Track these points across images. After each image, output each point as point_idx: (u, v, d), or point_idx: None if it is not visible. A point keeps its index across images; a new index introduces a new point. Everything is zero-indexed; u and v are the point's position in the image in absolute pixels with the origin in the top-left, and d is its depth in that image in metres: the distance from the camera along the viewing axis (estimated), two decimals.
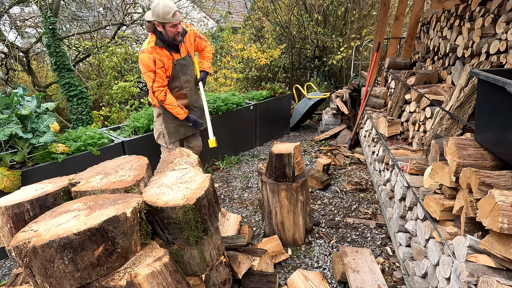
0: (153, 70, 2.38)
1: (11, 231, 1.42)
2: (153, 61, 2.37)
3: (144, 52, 2.37)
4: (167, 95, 2.52)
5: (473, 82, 2.09)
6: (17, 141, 2.34)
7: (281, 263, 2.31)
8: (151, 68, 2.37)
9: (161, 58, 2.42)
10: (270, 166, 2.33)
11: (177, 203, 1.38)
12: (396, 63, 3.98)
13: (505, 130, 1.45)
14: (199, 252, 1.57)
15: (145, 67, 2.38)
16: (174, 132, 2.77)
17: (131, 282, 1.16)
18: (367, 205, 3.08)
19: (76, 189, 1.50)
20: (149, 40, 2.43)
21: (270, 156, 2.32)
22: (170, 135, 2.76)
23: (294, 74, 7.55)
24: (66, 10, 7.37)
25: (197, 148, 3.09)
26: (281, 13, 7.33)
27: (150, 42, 2.40)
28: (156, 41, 2.40)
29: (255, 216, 2.97)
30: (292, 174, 2.30)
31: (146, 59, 2.35)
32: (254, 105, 4.42)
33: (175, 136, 2.79)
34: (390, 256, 2.38)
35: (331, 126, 5.23)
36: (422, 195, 1.93)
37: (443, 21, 3.22)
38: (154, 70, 2.38)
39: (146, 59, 2.35)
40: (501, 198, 1.23)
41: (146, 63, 2.36)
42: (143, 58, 2.37)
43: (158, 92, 2.46)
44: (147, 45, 2.40)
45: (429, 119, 2.61)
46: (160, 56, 2.41)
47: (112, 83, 5.63)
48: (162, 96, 2.48)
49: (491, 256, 1.32)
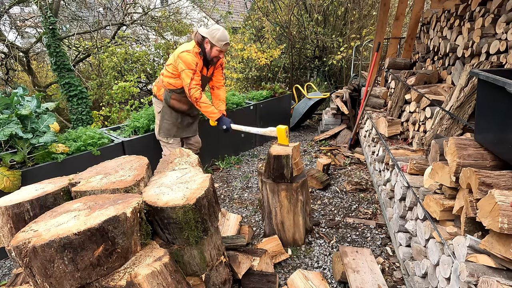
0: (194, 70, 2.55)
1: (11, 231, 1.42)
2: (196, 63, 2.56)
3: (190, 53, 2.54)
4: (202, 93, 2.64)
5: (473, 82, 2.09)
6: (17, 141, 2.34)
7: (281, 263, 2.31)
8: (192, 67, 2.54)
9: (200, 65, 2.64)
10: (269, 167, 2.32)
11: (177, 203, 1.38)
12: (396, 63, 3.98)
13: (505, 130, 1.45)
14: (199, 252, 1.57)
15: (186, 65, 2.53)
16: (167, 129, 2.86)
17: (131, 282, 1.16)
18: (367, 205, 3.08)
19: (76, 189, 1.50)
20: (193, 46, 2.60)
21: (268, 157, 2.32)
22: (163, 130, 2.85)
23: (294, 74, 7.54)
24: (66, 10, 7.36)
25: (197, 145, 3.16)
26: (281, 13, 7.33)
27: (195, 48, 2.59)
28: (200, 52, 2.61)
29: (255, 216, 2.97)
30: (291, 175, 2.28)
31: (191, 59, 2.53)
32: (254, 105, 4.42)
33: (166, 133, 2.87)
34: (390, 256, 2.38)
35: (331, 126, 5.23)
36: (422, 195, 1.93)
37: (443, 21, 3.22)
38: (194, 70, 2.55)
39: (191, 59, 2.53)
40: (501, 198, 1.23)
41: (189, 62, 2.53)
42: (187, 57, 2.53)
43: (194, 90, 2.58)
44: (192, 48, 2.58)
45: (429, 119, 2.61)
46: (199, 63, 2.62)
47: (112, 83, 5.63)
48: (198, 94, 2.59)
49: (491, 256, 1.32)
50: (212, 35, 2.52)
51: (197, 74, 2.58)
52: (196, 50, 2.58)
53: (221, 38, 2.52)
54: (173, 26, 7.15)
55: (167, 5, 8.00)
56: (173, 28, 7.14)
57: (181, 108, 2.83)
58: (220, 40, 2.53)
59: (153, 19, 7.27)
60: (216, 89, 2.98)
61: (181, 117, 2.89)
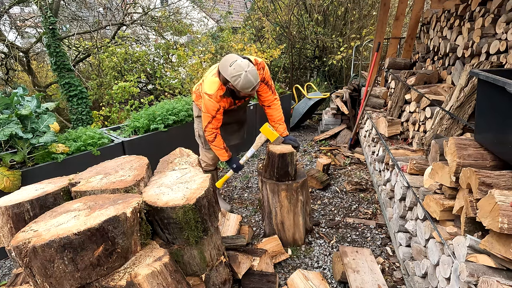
0: (213, 116, 2.33)
1: (11, 231, 1.42)
2: (217, 109, 2.31)
3: (211, 98, 2.26)
4: (217, 137, 2.45)
5: (473, 82, 2.09)
6: (17, 141, 2.34)
7: (281, 263, 2.31)
8: (211, 113, 2.32)
9: (224, 105, 2.36)
10: (272, 166, 2.32)
11: (177, 203, 1.38)
12: (396, 63, 3.98)
13: (505, 130, 1.45)
14: (199, 252, 1.57)
15: (206, 109, 2.32)
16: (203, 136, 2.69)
17: (131, 282, 1.16)
18: (367, 205, 3.08)
19: (76, 189, 1.50)
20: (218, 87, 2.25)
21: (270, 157, 2.32)
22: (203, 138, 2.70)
23: (294, 74, 7.54)
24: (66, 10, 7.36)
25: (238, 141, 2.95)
26: (281, 13, 7.33)
27: (219, 89, 2.25)
28: (225, 92, 2.28)
29: (255, 216, 2.97)
30: (294, 172, 2.33)
31: (211, 106, 2.28)
32: (254, 105, 4.42)
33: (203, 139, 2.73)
34: (390, 256, 2.38)
35: (331, 126, 5.23)
36: (422, 195, 1.93)
37: (443, 21, 3.23)
38: (214, 116, 2.34)
39: (211, 106, 2.28)
40: (501, 198, 1.23)
41: (209, 108, 2.30)
42: (209, 103, 2.28)
43: (208, 132, 2.41)
44: (216, 91, 2.25)
45: (429, 119, 2.61)
46: (225, 103, 2.35)
47: (112, 83, 5.63)
48: (211, 137, 2.43)
49: (491, 256, 1.32)
50: (234, 81, 2.14)
51: (216, 119, 2.35)
52: (220, 93, 2.27)
53: (244, 86, 2.13)
54: (173, 26, 7.15)
55: (167, 5, 8.00)
56: (173, 28, 7.14)
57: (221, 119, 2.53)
58: (244, 88, 2.15)
59: (153, 19, 7.27)
60: (268, 109, 2.60)
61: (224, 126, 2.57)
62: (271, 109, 2.58)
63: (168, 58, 6.30)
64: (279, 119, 2.60)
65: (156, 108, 3.46)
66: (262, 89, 2.49)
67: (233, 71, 2.10)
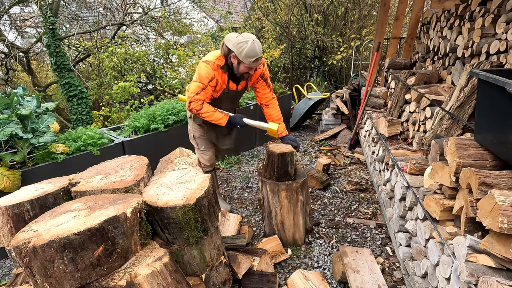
0: (204, 84, 2.23)
1: (11, 231, 1.42)
2: (211, 78, 2.23)
3: (208, 64, 2.20)
4: (204, 103, 2.31)
5: (473, 82, 2.09)
6: (17, 141, 2.34)
7: (281, 263, 2.31)
8: (203, 81, 2.22)
9: (218, 78, 2.28)
10: (272, 166, 2.33)
11: (177, 203, 1.38)
12: (396, 63, 3.98)
13: (505, 130, 1.45)
14: (199, 252, 1.57)
15: (199, 77, 2.23)
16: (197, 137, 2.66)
17: (131, 282, 1.16)
18: (367, 205, 3.08)
19: (76, 189, 1.50)
20: (217, 56, 2.24)
21: (270, 157, 2.32)
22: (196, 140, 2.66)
23: (294, 74, 7.55)
24: (66, 10, 7.36)
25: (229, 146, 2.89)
26: (281, 13, 7.33)
27: (219, 59, 2.23)
28: (224, 65, 2.25)
29: (255, 216, 2.97)
30: (294, 172, 2.34)
31: (206, 72, 2.20)
32: (254, 105, 4.42)
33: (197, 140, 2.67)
34: (390, 256, 2.38)
35: (331, 126, 5.23)
36: (422, 195, 1.93)
37: (443, 21, 3.23)
38: (205, 85, 2.24)
39: (206, 72, 2.20)
40: (501, 198, 1.23)
41: (202, 75, 2.21)
42: (203, 69, 2.21)
43: (194, 102, 2.27)
44: (214, 59, 2.22)
45: (429, 119, 2.61)
46: (219, 77, 2.28)
47: (112, 83, 5.63)
48: (198, 106, 2.28)
49: (491, 256, 1.32)
50: (238, 49, 2.09)
51: (205, 90, 2.25)
52: (219, 62, 2.22)
53: (248, 54, 2.08)
54: (173, 26, 7.15)
55: (167, 5, 8.00)
56: (173, 28, 7.14)
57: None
58: (248, 57, 2.09)
59: (153, 19, 7.27)
60: (266, 108, 2.58)
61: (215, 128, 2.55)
62: (270, 108, 2.58)
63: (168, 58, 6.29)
64: (278, 118, 2.60)
65: (156, 108, 3.46)
66: (260, 85, 2.50)
67: (241, 38, 2.10)
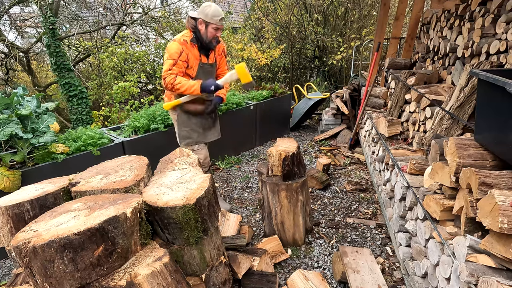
0: (175, 60, 2.37)
1: (11, 231, 1.42)
2: (180, 52, 2.38)
3: (174, 41, 2.40)
4: (177, 76, 2.41)
5: (473, 82, 2.09)
6: (17, 141, 2.34)
7: (281, 263, 2.31)
8: (174, 57, 2.37)
9: (188, 53, 2.43)
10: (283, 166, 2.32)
11: (177, 203, 1.38)
12: (396, 63, 3.98)
13: (505, 130, 1.45)
14: (199, 252, 1.57)
15: (168, 54, 2.39)
16: (187, 136, 2.71)
17: (131, 282, 1.16)
18: (367, 205, 3.08)
19: (76, 189, 1.50)
20: (184, 33, 2.47)
21: (271, 156, 2.32)
22: (183, 139, 2.72)
23: (294, 74, 7.55)
24: (66, 10, 7.36)
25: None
26: (281, 13, 7.33)
27: (185, 36, 2.44)
28: (192, 38, 2.45)
29: (255, 216, 2.97)
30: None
31: (174, 47, 2.37)
32: (254, 105, 4.42)
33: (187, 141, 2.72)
34: (390, 256, 2.38)
35: (331, 126, 5.23)
36: (422, 195, 1.93)
37: (443, 21, 3.23)
38: (176, 60, 2.38)
39: (174, 47, 2.37)
40: (501, 198, 1.23)
41: (171, 52, 2.37)
42: (171, 46, 2.38)
43: (168, 77, 2.38)
44: (180, 36, 2.44)
45: (429, 119, 2.61)
46: (189, 51, 2.44)
47: (112, 83, 5.63)
48: (172, 79, 2.38)
49: (491, 256, 1.32)
50: (204, 13, 2.35)
51: (177, 65, 2.39)
52: (185, 37, 2.42)
53: (215, 14, 2.35)
54: (173, 26, 7.15)
55: (167, 5, 8.01)
56: (173, 28, 7.14)
57: (197, 109, 2.64)
58: (214, 16, 2.36)
59: (153, 19, 7.28)
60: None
61: (200, 121, 2.71)
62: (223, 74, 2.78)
63: None
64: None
65: (156, 108, 3.46)
66: (223, 62, 2.79)
67: (204, 4, 2.39)
